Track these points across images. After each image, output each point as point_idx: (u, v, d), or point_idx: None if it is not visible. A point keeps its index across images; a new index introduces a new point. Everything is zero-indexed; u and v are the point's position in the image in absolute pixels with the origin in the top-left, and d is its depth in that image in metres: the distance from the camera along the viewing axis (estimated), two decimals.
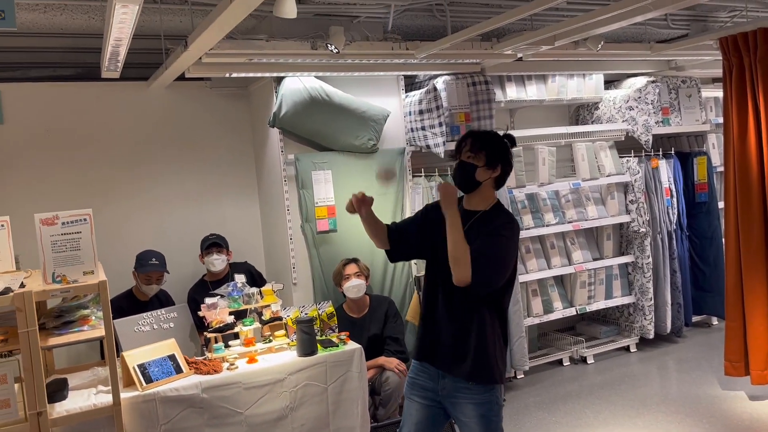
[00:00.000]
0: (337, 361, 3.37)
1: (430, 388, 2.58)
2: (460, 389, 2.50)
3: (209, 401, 3.06)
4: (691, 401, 4.38)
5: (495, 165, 2.53)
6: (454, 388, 2.52)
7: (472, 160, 2.52)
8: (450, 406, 2.55)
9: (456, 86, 4.60)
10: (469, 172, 2.52)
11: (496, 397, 2.52)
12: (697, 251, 5.81)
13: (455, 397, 2.52)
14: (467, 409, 2.50)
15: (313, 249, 4.40)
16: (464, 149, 2.55)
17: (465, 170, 2.53)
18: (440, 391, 2.55)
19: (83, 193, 4.43)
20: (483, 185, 2.54)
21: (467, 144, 2.55)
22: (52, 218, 2.75)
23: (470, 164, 2.52)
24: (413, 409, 2.62)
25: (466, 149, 2.54)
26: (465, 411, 2.51)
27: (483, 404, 2.49)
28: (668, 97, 5.67)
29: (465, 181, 2.55)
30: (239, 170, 4.93)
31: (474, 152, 2.52)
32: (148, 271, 4.11)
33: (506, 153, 2.56)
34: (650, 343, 5.58)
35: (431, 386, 2.58)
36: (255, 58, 3.79)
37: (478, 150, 2.51)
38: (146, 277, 4.12)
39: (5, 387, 2.58)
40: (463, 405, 2.50)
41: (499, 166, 2.54)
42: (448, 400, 2.54)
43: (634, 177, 5.39)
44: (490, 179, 2.54)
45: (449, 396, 2.53)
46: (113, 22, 2.80)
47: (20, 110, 4.29)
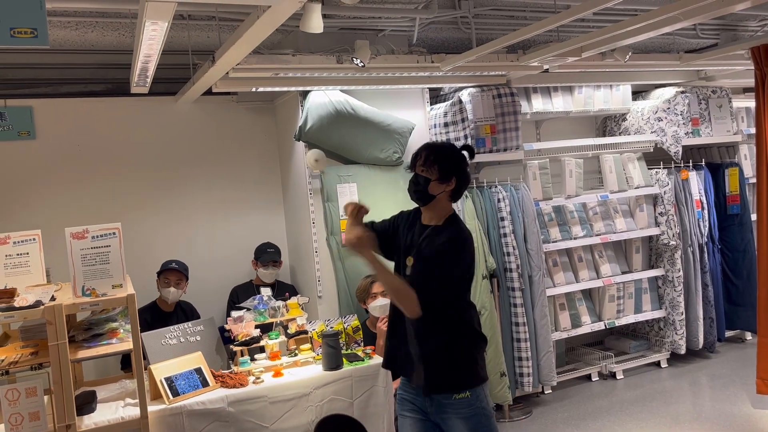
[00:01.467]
0: (362, 375, 3.35)
1: (419, 404, 2.55)
2: (444, 405, 2.47)
3: (235, 415, 3.06)
4: (725, 419, 4.26)
5: (449, 178, 2.50)
6: (438, 405, 2.48)
7: (425, 174, 2.50)
8: (441, 423, 2.52)
9: (481, 98, 4.57)
10: (422, 185, 2.51)
11: (482, 407, 2.46)
12: (729, 264, 5.68)
13: (443, 413, 2.48)
14: (457, 424, 2.46)
15: (338, 262, 4.40)
16: (418, 162, 2.53)
17: (418, 183, 2.52)
18: (428, 409, 2.53)
19: (112, 206, 4.50)
20: (437, 198, 2.52)
21: (421, 157, 2.53)
22: (82, 232, 2.79)
23: (423, 177, 2.51)
24: (407, 425, 2.60)
25: (420, 162, 2.52)
26: (455, 426, 2.46)
27: (470, 417, 2.45)
28: (698, 107, 5.58)
29: (419, 195, 2.54)
30: (265, 183, 4.96)
31: (427, 166, 2.50)
32: (166, 271, 4.16)
33: (460, 165, 2.53)
34: (682, 358, 5.45)
35: (419, 402, 2.55)
36: (281, 73, 3.82)
37: (432, 163, 2.49)
38: (165, 279, 4.16)
39: (35, 400, 2.61)
40: (453, 420, 2.47)
41: (454, 179, 2.51)
42: (438, 416, 2.51)
43: (664, 189, 5.30)
44: (445, 193, 2.52)
45: (437, 413, 2.50)
46: (143, 38, 2.84)
47: (52, 126, 4.37)
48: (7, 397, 2.58)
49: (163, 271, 4.20)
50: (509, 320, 4.63)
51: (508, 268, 4.60)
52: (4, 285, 2.95)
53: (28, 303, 2.67)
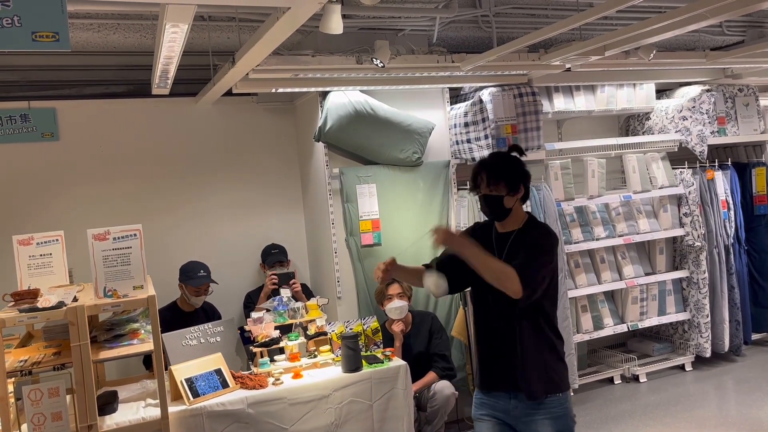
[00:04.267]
0: (382, 377, 3.34)
1: (500, 408, 2.54)
2: (532, 407, 2.46)
3: (255, 416, 3.06)
4: (752, 424, 4.17)
5: (517, 187, 2.51)
6: (525, 407, 2.47)
7: (495, 192, 2.49)
8: (524, 426, 2.50)
9: (502, 98, 4.53)
10: (496, 204, 2.51)
11: (569, 410, 2.49)
12: (756, 266, 5.56)
13: (529, 416, 2.47)
14: (544, 426, 2.45)
15: (357, 263, 4.38)
16: (482, 184, 2.52)
17: (492, 203, 2.51)
18: (511, 412, 2.50)
19: (134, 206, 4.53)
20: (513, 208, 2.53)
21: (483, 179, 2.51)
22: (103, 233, 2.81)
23: (495, 196, 2.50)
24: (485, 428, 2.57)
25: (484, 184, 2.51)
26: (543, 427, 2.46)
27: (559, 418, 2.45)
28: (724, 106, 5.47)
29: (495, 214, 2.54)
30: (285, 184, 4.96)
31: (492, 185, 2.49)
32: (199, 284, 4.16)
33: (522, 170, 2.54)
34: (707, 361, 5.36)
35: (501, 406, 2.53)
36: (301, 74, 3.82)
37: (497, 181, 2.49)
38: (196, 289, 4.18)
39: (57, 400, 2.63)
40: (539, 422, 2.45)
41: (522, 186, 2.52)
42: (522, 420, 2.49)
43: (688, 189, 5.21)
44: (517, 200, 2.53)
45: (522, 416, 2.48)
46: (164, 40, 2.85)
47: (75, 127, 4.42)
48: (30, 397, 2.60)
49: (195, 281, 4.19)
50: None
51: None
52: (27, 285, 2.99)
53: (51, 304, 2.70)
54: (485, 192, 2.50)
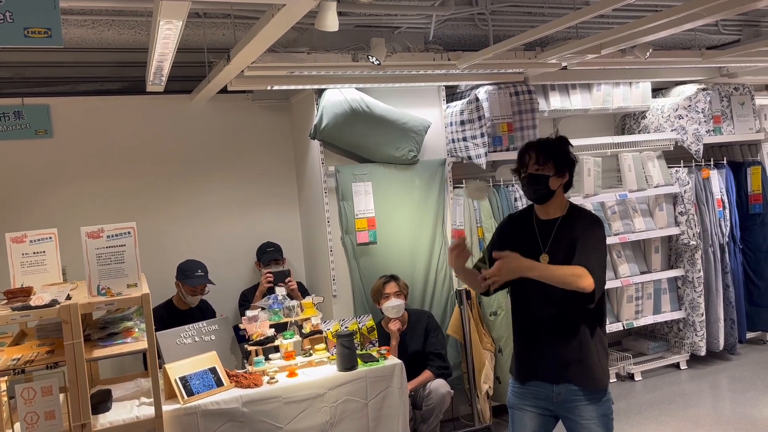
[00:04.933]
0: (377, 376, 3.33)
1: (543, 396, 2.56)
2: (577, 392, 2.50)
3: (249, 415, 3.05)
4: (747, 423, 4.18)
5: (564, 171, 2.54)
6: (569, 392, 2.51)
7: (541, 171, 2.51)
8: (566, 412, 2.54)
9: (498, 96, 4.52)
10: (542, 183, 2.52)
11: (609, 393, 2.56)
12: (751, 265, 5.57)
13: (573, 402, 2.51)
14: (587, 410, 2.49)
15: (353, 261, 4.37)
16: (530, 162, 2.54)
17: (538, 182, 2.53)
18: (554, 399, 2.53)
19: (128, 204, 4.51)
20: (556, 192, 2.55)
21: (532, 157, 2.53)
22: (97, 231, 2.79)
23: (541, 176, 2.51)
24: (527, 418, 2.60)
25: (532, 162, 2.53)
26: (584, 413, 2.50)
27: (603, 403, 2.51)
28: (720, 104, 5.48)
29: (540, 193, 2.55)
30: (280, 182, 4.95)
31: (541, 164, 2.52)
32: (196, 285, 4.15)
33: (570, 155, 2.58)
34: (702, 360, 5.37)
35: (544, 394, 2.56)
36: (296, 71, 3.80)
37: (545, 160, 2.51)
38: (192, 289, 4.16)
39: (51, 398, 2.61)
40: (582, 407, 2.50)
41: (567, 171, 2.55)
42: (565, 405, 2.53)
43: (684, 188, 5.21)
44: (561, 186, 2.56)
45: (565, 402, 2.52)
46: (158, 37, 2.83)
47: (69, 124, 4.39)
48: (22, 396, 2.58)
49: (193, 281, 4.17)
50: None
51: None
52: (20, 283, 2.97)
53: (44, 302, 2.68)
54: (532, 170, 2.52)
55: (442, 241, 4.57)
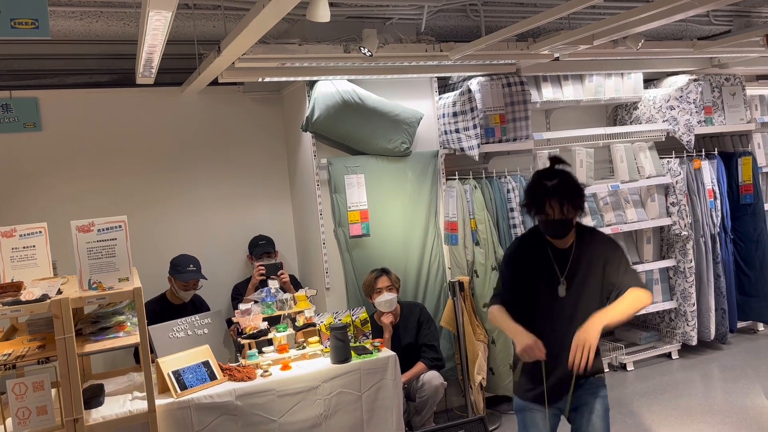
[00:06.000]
0: (371, 368, 3.33)
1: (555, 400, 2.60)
2: (588, 391, 2.59)
3: (243, 408, 3.05)
4: (738, 412, 4.22)
5: (583, 206, 2.57)
6: (583, 392, 2.59)
7: (569, 216, 2.53)
8: (575, 411, 2.60)
9: (491, 87, 4.51)
10: (568, 226, 2.55)
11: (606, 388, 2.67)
12: (741, 255, 5.60)
13: (584, 400, 2.59)
14: (597, 405, 2.58)
15: (346, 253, 4.37)
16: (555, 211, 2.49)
17: (566, 227, 2.55)
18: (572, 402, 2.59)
19: (119, 197, 4.48)
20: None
21: (555, 207, 2.49)
22: (87, 225, 2.77)
23: (569, 220, 2.53)
24: (539, 418, 2.63)
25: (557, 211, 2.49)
26: (594, 408, 2.58)
27: (605, 398, 2.62)
28: (711, 95, 5.49)
29: (564, 234, 2.58)
30: (272, 174, 4.92)
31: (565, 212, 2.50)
32: (188, 279, 4.13)
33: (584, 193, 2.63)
34: (693, 350, 5.40)
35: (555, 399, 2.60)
36: (287, 63, 3.77)
37: (570, 209, 2.51)
38: (184, 284, 4.14)
39: (42, 394, 2.60)
40: (592, 404, 2.59)
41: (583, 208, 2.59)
42: (576, 404, 2.60)
43: (675, 178, 5.23)
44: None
45: (579, 403, 2.59)
46: (147, 28, 2.80)
47: (58, 117, 4.35)
48: (14, 391, 2.57)
49: (184, 276, 4.15)
50: None
51: None
52: (10, 278, 2.94)
53: (35, 297, 2.66)
54: (560, 217, 2.52)
55: (435, 233, 4.57)
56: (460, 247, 4.45)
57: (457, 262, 4.50)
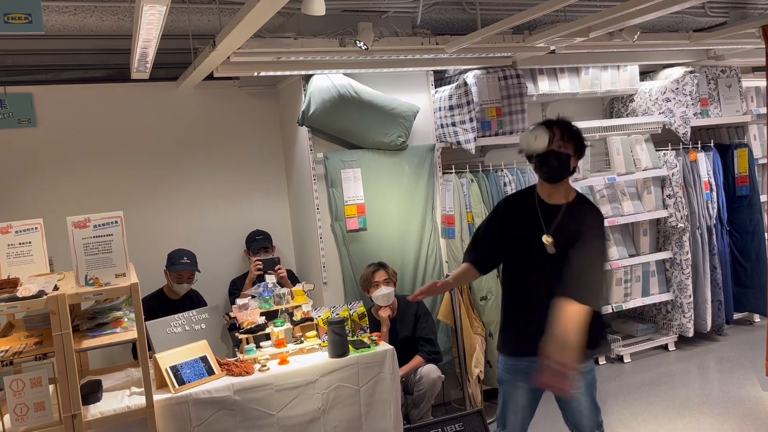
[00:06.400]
0: (369, 362, 3.33)
1: (534, 369, 2.55)
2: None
3: (241, 403, 3.05)
4: (734, 403, 4.24)
5: (581, 154, 2.54)
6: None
7: (563, 149, 2.47)
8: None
9: (487, 80, 4.51)
10: (563, 160, 2.48)
11: (593, 365, 2.69)
12: (738, 246, 5.62)
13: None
14: (580, 381, 2.57)
15: (343, 248, 4.36)
16: (554, 138, 2.49)
17: (559, 159, 2.48)
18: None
19: (115, 193, 4.47)
20: (567, 176, 2.56)
21: (556, 133, 2.49)
22: (84, 221, 2.76)
23: (563, 153, 2.47)
24: (518, 395, 2.63)
25: (556, 138, 2.48)
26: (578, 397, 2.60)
27: (588, 372, 2.60)
28: (707, 87, 5.50)
29: (558, 172, 2.51)
30: (268, 169, 4.91)
31: (564, 141, 2.48)
32: (180, 270, 4.13)
33: (584, 141, 2.59)
34: (689, 341, 5.42)
35: (535, 368, 2.54)
36: (283, 57, 3.76)
37: (568, 139, 2.49)
38: (177, 276, 4.14)
39: (40, 390, 2.60)
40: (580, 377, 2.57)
41: (581, 156, 2.56)
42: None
43: (672, 171, 5.24)
44: (573, 169, 2.57)
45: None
46: (141, 23, 2.78)
47: (52, 113, 4.33)
48: (11, 388, 2.56)
49: (176, 267, 4.15)
50: None
51: None
52: (6, 275, 2.93)
53: (31, 293, 2.65)
54: (555, 147, 2.47)
55: (431, 227, 4.56)
56: (457, 240, 4.45)
57: (454, 255, 4.51)
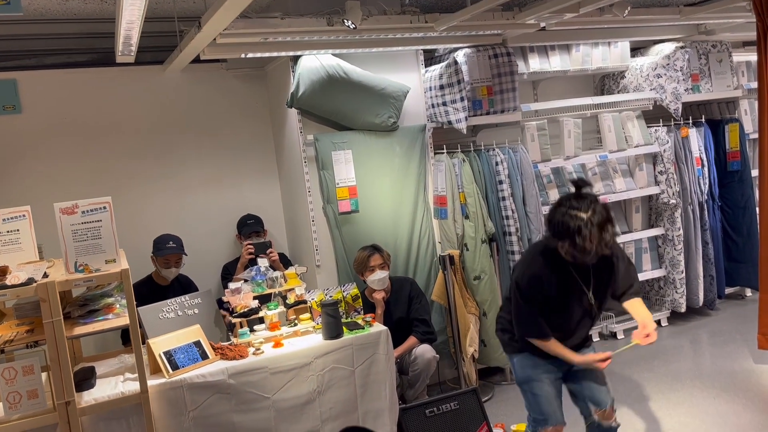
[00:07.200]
0: (363, 343, 3.33)
1: (557, 364, 2.87)
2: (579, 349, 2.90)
3: (236, 387, 3.04)
4: (726, 376, 4.27)
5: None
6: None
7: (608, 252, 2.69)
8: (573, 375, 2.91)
9: (477, 59, 4.47)
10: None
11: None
12: (729, 222, 5.64)
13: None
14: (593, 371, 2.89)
15: (335, 230, 4.35)
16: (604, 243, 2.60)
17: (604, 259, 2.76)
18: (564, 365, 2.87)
19: (103, 179, 4.42)
20: None
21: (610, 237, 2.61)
22: (71, 207, 2.73)
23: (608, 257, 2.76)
24: (547, 386, 2.87)
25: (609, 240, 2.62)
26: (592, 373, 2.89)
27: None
28: (698, 62, 5.47)
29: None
30: (259, 152, 4.87)
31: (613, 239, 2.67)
32: (166, 254, 4.10)
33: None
34: (682, 316, 5.46)
35: (558, 362, 2.86)
36: (270, 37, 3.71)
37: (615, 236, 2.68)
38: (164, 260, 4.12)
39: (32, 377, 2.58)
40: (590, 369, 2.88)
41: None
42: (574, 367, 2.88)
43: (663, 147, 5.23)
44: None
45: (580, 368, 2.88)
46: (124, 3, 2.73)
47: (37, 99, 4.26)
48: (3, 376, 2.55)
49: (162, 251, 4.12)
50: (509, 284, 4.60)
51: (508, 232, 4.55)
52: None
53: (20, 281, 2.62)
54: (607, 253, 2.67)
55: (424, 208, 4.55)
56: (450, 221, 4.44)
57: (447, 236, 4.50)
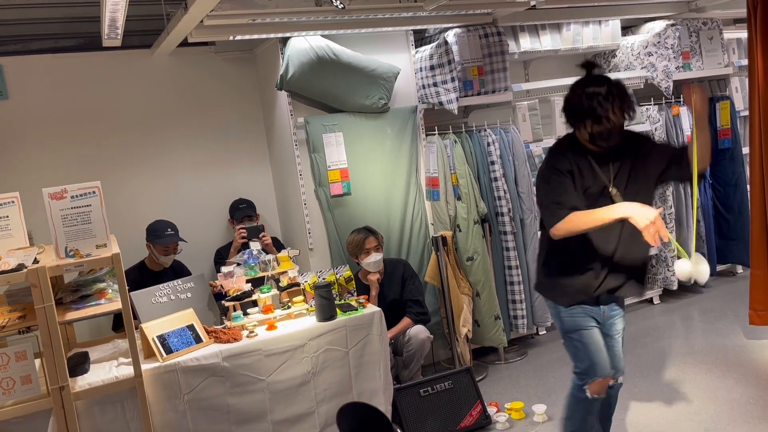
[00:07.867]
0: (357, 324, 3.34)
1: (597, 315, 2.80)
2: (614, 310, 2.82)
3: (230, 369, 3.05)
4: (718, 352, 4.31)
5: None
6: (610, 309, 2.81)
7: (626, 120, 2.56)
8: (607, 328, 2.83)
9: (468, 39, 4.44)
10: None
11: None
12: (720, 199, 5.66)
13: (612, 318, 2.83)
14: (619, 325, 2.86)
15: (327, 213, 4.34)
16: (626, 113, 2.54)
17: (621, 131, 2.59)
18: (603, 315, 2.80)
19: (92, 164, 4.39)
20: None
21: (628, 109, 2.53)
22: (60, 192, 2.71)
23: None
24: (596, 335, 2.78)
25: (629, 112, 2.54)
26: (618, 328, 2.85)
27: (624, 317, 2.88)
28: (689, 40, 5.46)
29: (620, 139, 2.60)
30: (249, 136, 4.85)
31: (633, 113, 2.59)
32: (167, 243, 4.09)
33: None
34: (674, 294, 5.50)
35: (597, 313, 2.80)
36: (258, 19, 3.67)
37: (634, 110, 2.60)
38: (164, 248, 4.10)
39: (25, 363, 2.58)
40: (617, 323, 2.85)
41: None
42: (608, 321, 2.83)
43: (655, 125, 5.23)
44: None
45: (608, 318, 2.82)
46: None
47: (24, 84, 4.22)
48: None
49: (163, 240, 4.10)
50: (502, 264, 4.62)
51: (500, 212, 4.56)
52: None
53: (11, 267, 2.61)
54: (621, 123, 2.53)
55: (416, 190, 4.55)
56: (442, 202, 4.44)
57: (440, 217, 4.50)
